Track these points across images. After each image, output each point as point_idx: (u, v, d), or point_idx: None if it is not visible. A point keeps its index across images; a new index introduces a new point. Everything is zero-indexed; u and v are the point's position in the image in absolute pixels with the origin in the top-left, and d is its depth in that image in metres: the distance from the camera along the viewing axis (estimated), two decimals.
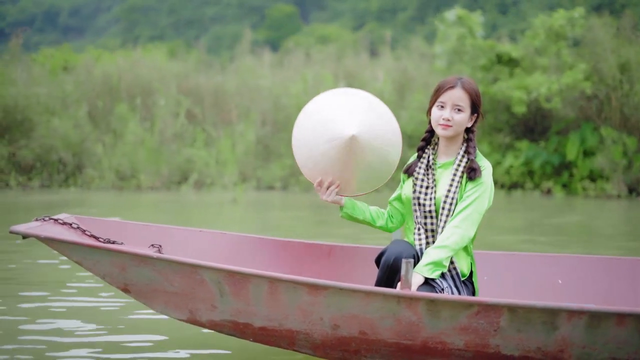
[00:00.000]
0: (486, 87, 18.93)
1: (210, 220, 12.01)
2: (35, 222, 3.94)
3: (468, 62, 19.52)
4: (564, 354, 3.31)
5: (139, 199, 16.08)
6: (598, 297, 4.34)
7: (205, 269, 3.52)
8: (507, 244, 8.81)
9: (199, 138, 19.64)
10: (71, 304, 5.25)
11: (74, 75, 21.10)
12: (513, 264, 4.48)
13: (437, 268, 3.64)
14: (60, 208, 12.75)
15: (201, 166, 19.04)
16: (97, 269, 3.73)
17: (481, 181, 3.78)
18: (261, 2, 51.82)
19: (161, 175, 18.89)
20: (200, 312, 3.69)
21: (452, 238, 3.68)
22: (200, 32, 50.53)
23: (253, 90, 21.18)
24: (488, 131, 19.62)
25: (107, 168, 18.66)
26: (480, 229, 3.96)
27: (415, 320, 3.33)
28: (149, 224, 4.46)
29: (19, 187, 18.12)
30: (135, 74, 21.04)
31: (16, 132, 19.01)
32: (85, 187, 18.43)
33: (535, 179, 18.74)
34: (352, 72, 21.91)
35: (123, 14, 54.82)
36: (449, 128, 3.80)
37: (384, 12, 46.67)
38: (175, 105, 20.33)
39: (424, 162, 3.91)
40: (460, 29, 19.68)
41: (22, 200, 14.96)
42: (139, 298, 3.79)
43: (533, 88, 18.24)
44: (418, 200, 3.85)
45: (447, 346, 3.38)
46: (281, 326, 3.56)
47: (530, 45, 19.30)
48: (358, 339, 3.47)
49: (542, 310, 3.22)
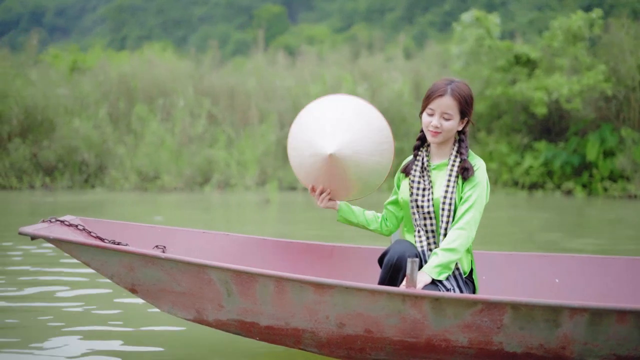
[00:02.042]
0: (505, 88, 19.05)
1: (254, 221, 11.97)
2: (42, 223, 3.99)
3: (486, 63, 19.62)
4: (565, 351, 3.38)
5: (168, 200, 16.15)
6: (594, 296, 4.41)
7: (212, 268, 3.57)
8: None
9: (220, 139, 19.69)
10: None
11: (89, 75, 21.11)
12: (511, 264, 4.54)
13: (445, 271, 3.72)
14: (90, 209, 12.89)
15: (222, 167, 19.09)
16: (105, 270, 3.78)
17: (477, 181, 3.85)
18: (249, 2, 51.81)
19: (183, 176, 18.95)
20: (207, 312, 3.74)
21: (458, 241, 3.75)
22: (188, 32, 50.49)
23: (269, 91, 21.22)
24: (506, 132, 19.78)
25: (130, 169, 18.70)
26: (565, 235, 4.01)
27: (420, 318, 3.40)
28: (153, 225, 4.51)
29: (42, 188, 18.17)
30: (151, 75, 21.09)
31: (36, 133, 19.08)
32: (110, 188, 18.47)
33: (555, 179, 18.86)
34: (368, 73, 21.96)
35: (110, 14, 54.66)
36: (438, 135, 3.88)
37: (372, 12, 46.74)
38: (195, 106, 20.38)
39: (418, 164, 3.99)
40: (477, 30, 19.77)
41: (49, 201, 15.01)
42: (146, 298, 3.84)
43: (553, 89, 18.37)
44: (416, 203, 3.92)
45: (451, 343, 3.44)
46: (287, 325, 3.61)
47: (549, 47, 19.40)
48: (363, 337, 3.53)
49: (544, 308, 3.28)
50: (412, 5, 45.24)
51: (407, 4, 45.54)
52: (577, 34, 18.85)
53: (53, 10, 57.67)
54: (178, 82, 20.95)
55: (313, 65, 22.91)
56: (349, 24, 46.33)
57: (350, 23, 46.44)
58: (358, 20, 46.11)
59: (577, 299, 4.39)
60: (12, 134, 19.05)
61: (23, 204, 14.50)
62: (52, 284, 6.02)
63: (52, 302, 5.28)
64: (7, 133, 18.95)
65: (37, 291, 5.68)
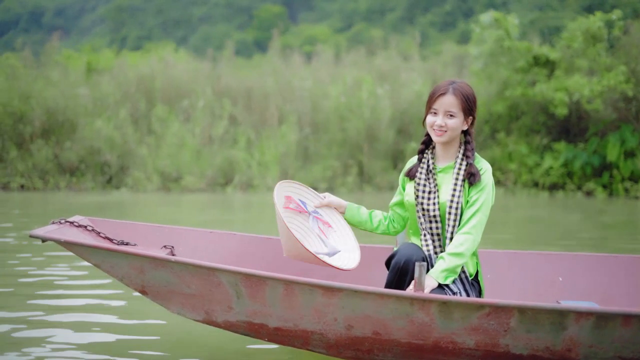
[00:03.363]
0: (525, 89, 19.11)
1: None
2: (52, 225, 4.02)
3: (506, 64, 19.67)
4: (571, 353, 3.42)
5: (192, 200, 16.24)
6: (598, 294, 4.46)
7: (222, 271, 3.61)
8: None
9: (241, 139, 19.74)
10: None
11: (106, 76, 21.18)
12: (515, 263, 4.58)
13: (451, 275, 3.76)
14: (117, 209, 13.05)
15: (243, 168, 19.15)
16: (115, 272, 3.81)
17: (483, 185, 3.88)
18: (249, 3, 51.81)
19: (205, 177, 19.01)
20: (216, 313, 3.77)
21: (465, 245, 3.78)
22: (188, 33, 50.49)
23: (286, 91, 21.26)
24: (525, 132, 19.82)
25: (152, 170, 18.77)
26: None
27: (428, 321, 3.44)
28: (161, 225, 4.54)
29: (66, 189, 18.26)
30: (169, 76, 21.17)
31: (58, 134, 19.18)
32: (134, 189, 18.54)
33: (575, 180, 18.91)
34: (385, 74, 22.00)
35: (110, 14, 54.65)
36: (443, 134, 3.90)
37: (372, 12, 46.76)
38: (216, 107, 20.45)
39: (424, 166, 4.00)
40: (496, 31, 19.83)
41: (76, 202, 15.14)
42: (156, 299, 3.87)
43: (574, 90, 18.42)
44: (422, 206, 3.94)
45: (458, 346, 3.48)
46: (296, 326, 3.65)
47: (568, 48, 19.45)
48: (371, 339, 3.57)
49: (551, 312, 3.33)
50: (412, 6, 45.27)
51: (408, 4, 45.57)
52: (596, 35, 18.90)
53: (52, 11, 57.64)
54: (195, 83, 21.02)
55: (329, 66, 22.96)
56: (349, 24, 46.36)
57: (351, 23, 46.47)
58: (358, 21, 46.14)
59: (581, 297, 4.43)
60: (34, 135, 19.15)
61: (52, 204, 14.62)
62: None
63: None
64: (29, 134, 19.06)
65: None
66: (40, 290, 5.78)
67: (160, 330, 4.66)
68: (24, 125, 19.11)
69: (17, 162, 18.60)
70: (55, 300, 5.43)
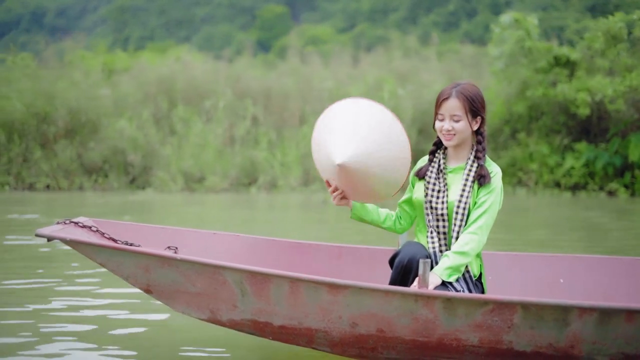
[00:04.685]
0: (546, 89, 19.14)
1: (321, 223, 12.01)
2: (57, 225, 4.05)
3: (526, 64, 19.70)
4: (574, 350, 3.44)
5: (218, 200, 16.33)
6: (599, 296, 4.46)
7: (228, 269, 3.63)
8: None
9: (262, 140, 19.80)
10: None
11: (126, 76, 21.29)
12: (516, 264, 4.60)
13: (455, 273, 3.79)
14: (147, 210, 13.13)
15: (266, 168, 19.20)
16: (120, 271, 3.84)
17: (492, 187, 3.90)
18: (252, 3, 51.82)
19: (229, 177, 19.07)
20: (221, 312, 3.80)
21: (470, 245, 3.81)
22: (190, 33, 50.52)
23: (307, 92, 21.31)
24: (546, 132, 19.84)
25: (176, 170, 18.86)
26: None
27: (432, 318, 3.46)
28: (164, 226, 4.57)
29: (91, 189, 18.37)
30: (189, 76, 21.26)
31: (81, 134, 19.29)
32: (159, 189, 18.63)
33: (596, 180, 18.93)
34: (406, 74, 22.03)
35: (112, 15, 54.69)
36: (452, 138, 3.93)
37: (375, 12, 46.76)
38: (237, 107, 20.51)
39: (435, 166, 4.03)
40: (517, 31, 19.86)
41: (105, 202, 15.25)
42: (161, 298, 3.90)
43: (597, 90, 18.45)
44: (430, 204, 3.97)
45: (462, 343, 3.50)
46: (300, 325, 3.67)
47: (588, 48, 19.46)
48: (375, 337, 3.59)
49: (554, 308, 3.35)
50: (415, 6, 45.25)
51: (411, 4, 45.55)
52: (617, 35, 18.90)
53: (54, 11, 57.68)
54: (215, 83, 21.10)
55: (348, 67, 23.01)
56: (352, 25, 46.36)
57: (354, 23, 46.46)
58: (361, 21, 46.13)
59: (582, 299, 4.44)
60: (57, 135, 19.25)
61: (82, 204, 14.72)
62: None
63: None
64: (52, 134, 19.16)
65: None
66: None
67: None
68: (48, 126, 19.23)
69: (41, 163, 18.72)
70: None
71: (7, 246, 8.53)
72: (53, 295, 5.66)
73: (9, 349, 4.11)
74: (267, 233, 9.33)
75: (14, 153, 18.83)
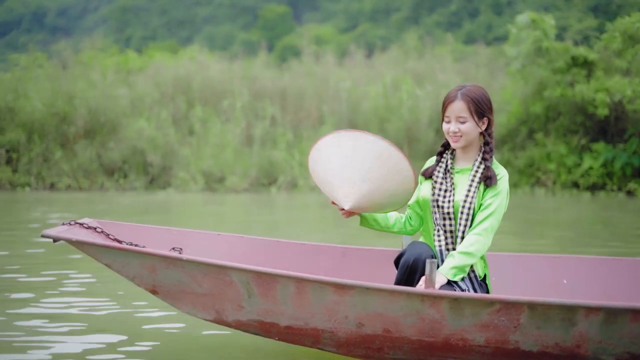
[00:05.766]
0: (564, 90, 19.16)
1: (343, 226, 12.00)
2: (62, 226, 4.06)
3: (544, 65, 19.70)
4: (580, 349, 3.45)
5: (243, 200, 16.36)
6: (602, 297, 4.47)
7: (234, 270, 3.64)
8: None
9: (282, 140, 19.83)
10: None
11: (141, 76, 21.33)
12: (519, 265, 4.61)
13: (460, 273, 3.80)
14: (172, 209, 13.05)
15: (285, 168, 19.23)
16: (126, 271, 3.85)
17: (499, 190, 3.92)
18: (254, 3, 51.83)
19: (249, 177, 19.12)
20: (227, 313, 3.80)
21: (475, 245, 3.83)
22: (192, 33, 50.54)
23: (324, 92, 21.33)
24: (563, 132, 19.85)
25: (196, 170, 18.91)
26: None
27: (438, 317, 3.46)
28: (169, 227, 4.57)
29: (113, 189, 18.43)
30: (205, 77, 21.30)
31: (100, 134, 19.37)
32: (180, 189, 18.67)
33: (615, 180, 18.94)
34: (422, 74, 22.04)
35: (113, 15, 54.74)
36: (459, 139, 3.96)
37: (377, 12, 46.76)
38: (255, 107, 20.54)
39: (442, 166, 4.06)
40: (534, 31, 19.87)
41: (130, 202, 15.32)
42: (167, 299, 3.90)
43: (616, 90, 18.46)
44: (437, 203, 3.99)
45: (468, 342, 3.51)
46: (307, 325, 3.68)
47: (605, 48, 19.46)
48: (382, 337, 3.60)
49: (560, 307, 3.35)
50: (417, 6, 45.25)
51: (413, 4, 45.55)
52: (634, 35, 18.89)
53: (55, 11, 57.76)
54: (231, 83, 21.14)
55: (363, 67, 23.04)
56: (354, 25, 46.36)
57: (356, 23, 46.47)
58: (363, 21, 46.13)
59: (586, 299, 4.45)
60: (77, 135, 19.32)
61: (110, 204, 14.78)
62: None
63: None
64: (72, 135, 19.23)
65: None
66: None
67: None
68: (68, 126, 19.28)
69: (62, 163, 18.78)
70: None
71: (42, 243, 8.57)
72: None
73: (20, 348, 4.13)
74: (288, 235, 9.39)
75: (34, 153, 18.91)
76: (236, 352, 4.19)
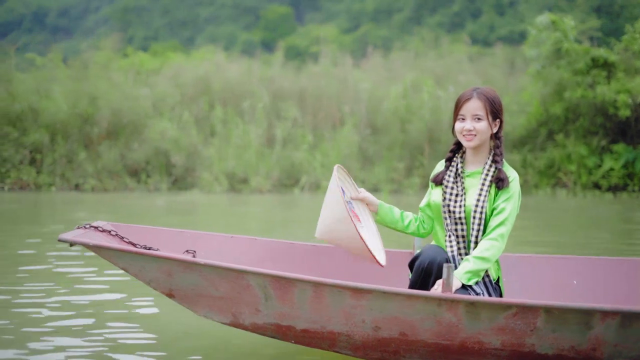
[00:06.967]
0: (584, 91, 19.17)
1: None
2: (77, 229, 4.08)
3: (564, 66, 19.71)
4: (596, 352, 3.47)
5: (267, 201, 16.50)
6: (613, 297, 4.50)
7: (251, 274, 3.66)
8: None
9: (304, 141, 19.87)
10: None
11: (160, 77, 21.40)
12: (529, 266, 4.64)
13: (474, 277, 3.82)
14: (199, 211, 13.06)
15: (308, 169, 19.26)
16: (143, 275, 3.87)
17: (511, 193, 3.94)
18: (256, 3, 51.83)
19: (272, 178, 19.17)
20: (244, 316, 3.83)
21: (491, 251, 3.85)
22: (194, 33, 50.56)
23: (344, 93, 21.35)
24: (583, 134, 19.86)
25: (219, 171, 18.96)
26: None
27: (455, 321, 3.49)
28: (182, 230, 4.59)
29: (138, 190, 18.50)
30: (224, 77, 21.35)
31: (123, 135, 19.41)
32: (204, 190, 18.72)
33: (636, 181, 18.95)
34: (441, 75, 22.03)
35: (115, 15, 54.72)
36: (473, 138, 3.97)
37: (379, 13, 46.75)
38: (274, 108, 20.58)
39: (452, 170, 4.08)
40: (554, 33, 19.87)
41: (165, 203, 15.34)
42: (183, 302, 3.93)
43: (637, 92, 18.47)
44: (448, 208, 4.01)
45: (484, 346, 3.53)
46: (323, 328, 3.70)
47: (626, 50, 19.46)
48: (398, 340, 3.62)
49: (577, 311, 3.38)
50: (420, 6, 45.23)
51: (415, 4, 45.52)
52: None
53: (56, 11, 57.73)
54: (249, 84, 21.19)
55: (380, 67, 23.05)
56: (356, 25, 46.34)
57: (358, 24, 46.44)
58: (365, 21, 46.12)
59: (596, 300, 4.47)
60: (100, 136, 19.37)
61: (140, 206, 14.85)
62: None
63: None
64: (96, 135, 19.29)
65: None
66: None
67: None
68: (91, 127, 19.34)
69: (86, 164, 18.83)
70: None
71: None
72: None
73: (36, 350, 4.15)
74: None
75: (58, 154, 18.94)
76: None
